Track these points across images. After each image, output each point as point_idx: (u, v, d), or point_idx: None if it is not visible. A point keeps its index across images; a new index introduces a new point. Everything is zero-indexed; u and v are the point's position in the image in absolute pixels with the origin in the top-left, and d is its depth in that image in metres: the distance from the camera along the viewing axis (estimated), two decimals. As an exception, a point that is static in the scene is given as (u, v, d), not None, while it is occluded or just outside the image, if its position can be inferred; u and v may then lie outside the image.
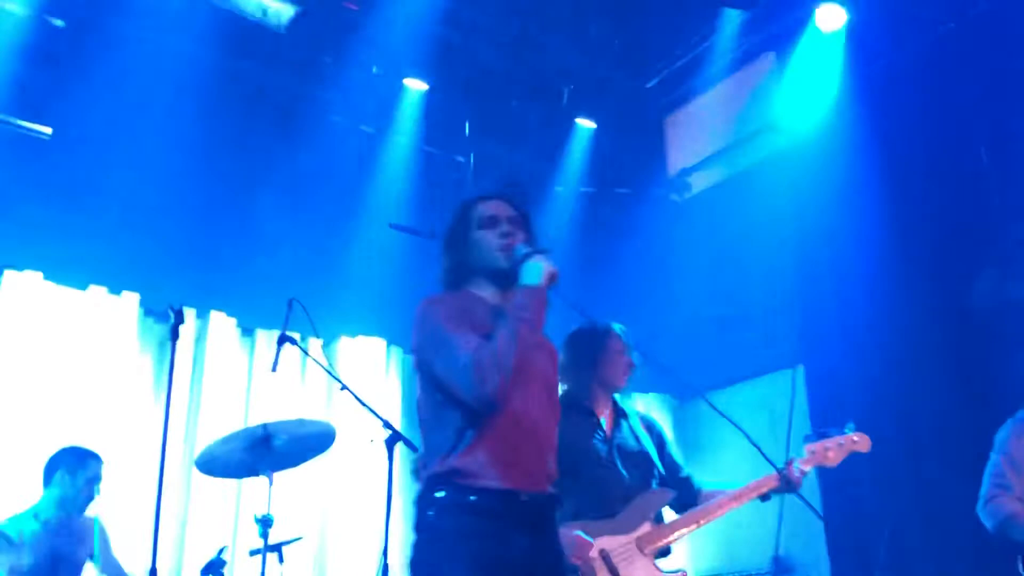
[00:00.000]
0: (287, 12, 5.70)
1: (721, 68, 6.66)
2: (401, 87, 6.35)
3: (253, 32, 5.75)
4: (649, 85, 6.86)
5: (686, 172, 7.34)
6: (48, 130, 5.07)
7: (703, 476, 3.67)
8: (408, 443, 3.63)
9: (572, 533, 3.05)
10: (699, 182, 7.37)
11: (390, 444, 3.61)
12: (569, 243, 7.13)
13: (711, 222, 7.06)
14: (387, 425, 3.67)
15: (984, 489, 3.79)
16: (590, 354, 3.51)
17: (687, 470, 3.60)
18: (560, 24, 6.41)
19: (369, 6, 5.78)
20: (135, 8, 5.29)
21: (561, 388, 3.45)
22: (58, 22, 5.29)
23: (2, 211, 5.14)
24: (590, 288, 7.02)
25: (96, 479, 4.21)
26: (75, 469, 4.16)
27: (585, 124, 6.84)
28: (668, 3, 6.20)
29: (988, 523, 3.75)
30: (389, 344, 6.57)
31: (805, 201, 6.26)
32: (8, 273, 5.17)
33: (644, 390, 7.30)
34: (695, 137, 7.16)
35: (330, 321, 6.07)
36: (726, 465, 6.68)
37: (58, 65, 5.25)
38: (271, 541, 3.61)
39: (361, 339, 6.45)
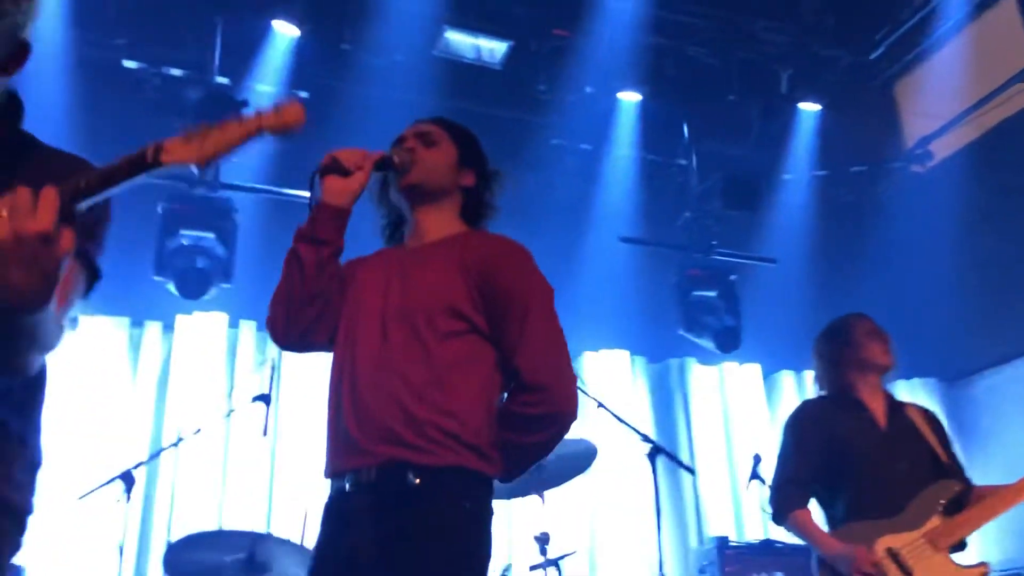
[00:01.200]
0: (500, 49, 5.95)
1: (955, 23, 6.20)
2: (616, 101, 6.44)
3: (471, 73, 6.05)
4: (874, 56, 6.51)
5: (926, 140, 6.89)
6: (307, 194, 5.58)
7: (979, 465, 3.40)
8: (670, 455, 3.68)
9: (847, 547, 2.94)
10: (941, 149, 6.88)
11: (652, 457, 3.67)
12: (807, 230, 6.90)
13: (960, 189, 6.56)
14: (646, 439, 3.74)
15: None
16: (839, 343, 3.38)
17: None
18: (769, 10, 6.25)
19: (577, 30, 5.93)
20: (366, 72, 5.76)
21: (822, 389, 3.36)
22: (303, 94, 5.84)
23: (279, 265, 5.74)
24: (836, 275, 6.76)
25: None
26: None
27: (808, 107, 6.60)
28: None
29: None
30: (633, 355, 6.64)
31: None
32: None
33: (907, 376, 6.89)
34: (932, 102, 6.69)
35: (572, 338, 6.21)
36: (1008, 452, 6.17)
37: (308, 133, 5.79)
38: (549, 556, 3.77)
39: (604, 352, 6.57)
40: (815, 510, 3.19)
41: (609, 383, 6.39)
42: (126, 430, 5.15)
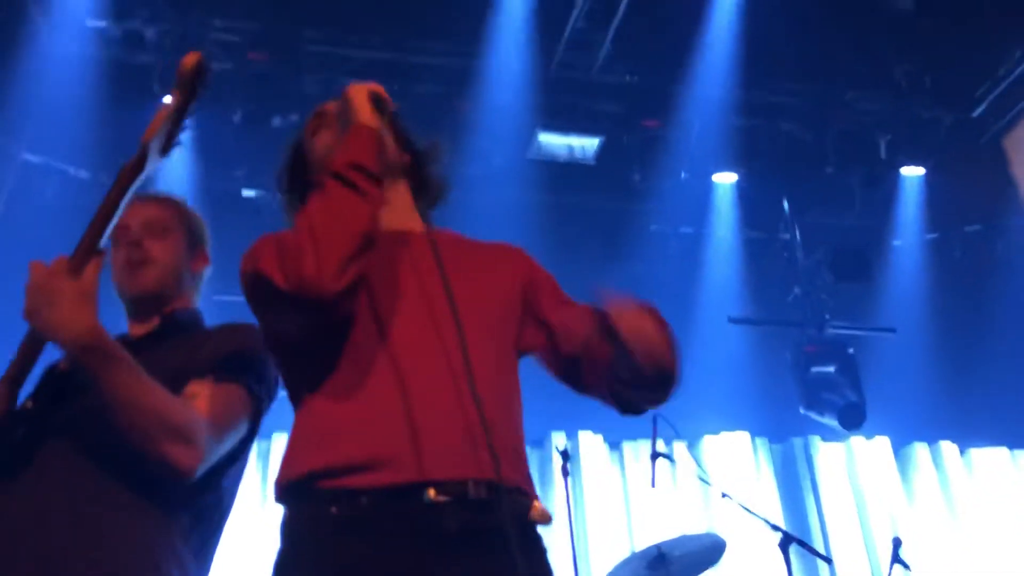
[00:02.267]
0: (592, 145, 6.10)
1: (1059, 71, 6.02)
2: (711, 184, 6.48)
3: (567, 170, 6.22)
4: (976, 113, 6.37)
5: (1044, 192, 6.63)
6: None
7: None
8: (803, 544, 3.56)
9: None
10: (1063, 199, 6.59)
11: (784, 547, 3.55)
12: (924, 295, 6.70)
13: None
14: (775, 528, 3.63)
15: None
16: None
17: None
18: (861, 77, 6.23)
19: (666, 119, 6.03)
20: (464, 180, 5.98)
21: None
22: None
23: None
24: (960, 339, 6.50)
25: None
26: None
27: (912, 172, 6.47)
28: (974, 25, 5.77)
29: None
30: (754, 436, 6.48)
31: None
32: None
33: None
34: (1045, 153, 6.46)
35: (690, 421, 6.17)
36: None
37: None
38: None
39: (724, 435, 6.44)
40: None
41: (731, 466, 6.24)
42: (258, 542, 5.30)
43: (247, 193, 5.91)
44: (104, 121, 5.17)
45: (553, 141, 5.96)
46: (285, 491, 1.50)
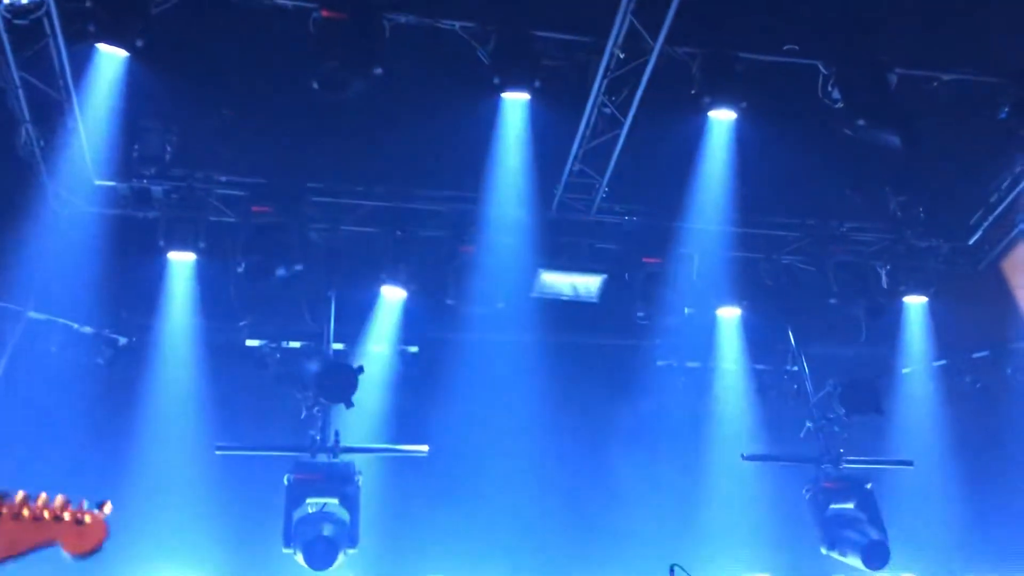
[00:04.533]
0: (595, 282, 6.12)
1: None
2: (715, 319, 6.48)
3: (571, 309, 6.22)
4: (972, 241, 6.45)
5: (1050, 312, 6.61)
6: (425, 448, 5.69)
7: None
8: None
9: None
10: (1070, 318, 6.57)
11: None
12: (939, 423, 6.59)
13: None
14: None
15: None
16: None
17: None
18: (855, 211, 6.35)
19: (667, 256, 6.09)
20: (471, 321, 5.99)
21: None
22: (413, 349, 6.12)
23: (402, 521, 5.78)
24: (979, 465, 6.35)
25: None
26: None
27: (915, 300, 6.49)
28: (961, 157, 5.91)
29: None
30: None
31: None
32: None
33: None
34: (1046, 274, 6.48)
35: (708, 564, 5.94)
36: None
37: (419, 386, 6.03)
38: None
39: (749, 578, 6.19)
40: None
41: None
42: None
43: (251, 343, 5.91)
44: (109, 275, 5.22)
45: (556, 280, 5.98)
46: None
